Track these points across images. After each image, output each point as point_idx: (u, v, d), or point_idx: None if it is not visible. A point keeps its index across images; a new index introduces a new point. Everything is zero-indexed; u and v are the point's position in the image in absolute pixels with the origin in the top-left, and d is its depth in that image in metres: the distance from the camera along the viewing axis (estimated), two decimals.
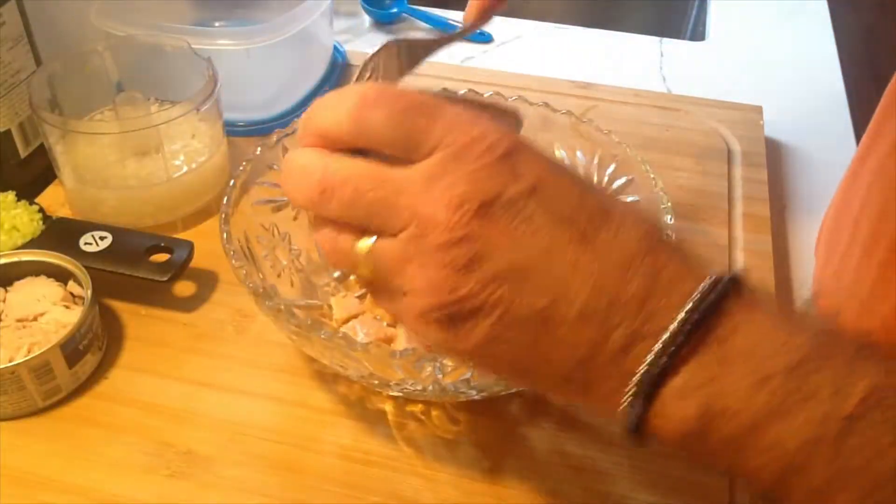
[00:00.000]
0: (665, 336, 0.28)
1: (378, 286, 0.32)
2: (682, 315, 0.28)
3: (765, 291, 0.30)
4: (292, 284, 0.50)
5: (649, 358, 0.28)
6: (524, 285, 0.29)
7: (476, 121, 0.30)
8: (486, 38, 0.88)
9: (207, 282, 0.54)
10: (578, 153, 0.54)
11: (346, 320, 0.49)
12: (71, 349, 0.45)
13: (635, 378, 0.29)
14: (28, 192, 0.58)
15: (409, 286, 0.30)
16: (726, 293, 0.29)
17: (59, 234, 0.54)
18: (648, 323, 0.29)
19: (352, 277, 0.52)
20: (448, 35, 0.45)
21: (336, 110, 0.31)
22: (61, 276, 0.50)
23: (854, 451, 0.26)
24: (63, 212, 0.59)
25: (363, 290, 0.50)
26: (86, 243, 0.52)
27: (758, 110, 0.74)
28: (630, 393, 0.29)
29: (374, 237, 0.31)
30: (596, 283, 0.29)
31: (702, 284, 0.29)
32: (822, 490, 0.27)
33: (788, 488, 0.28)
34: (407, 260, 0.30)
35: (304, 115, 0.33)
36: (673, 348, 0.28)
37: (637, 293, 0.29)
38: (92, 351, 0.47)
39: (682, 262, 0.30)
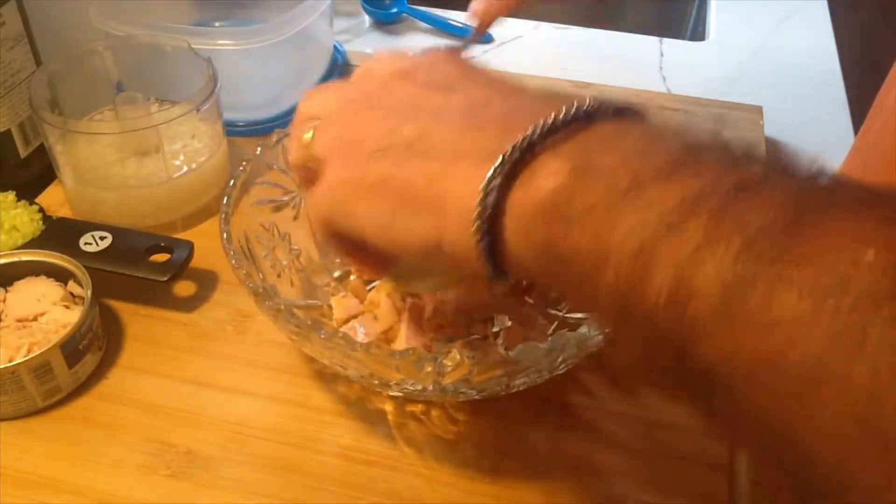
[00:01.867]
0: (549, 117, 0.27)
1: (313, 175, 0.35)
2: (574, 108, 0.27)
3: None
4: (292, 284, 0.50)
5: (528, 133, 0.27)
6: (413, 116, 0.31)
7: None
8: (486, 39, 0.88)
9: (207, 282, 0.54)
10: None
11: (346, 320, 0.49)
12: (71, 349, 0.45)
13: (505, 153, 0.27)
14: (28, 192, 0.58)
15: (324, 139, 0.34)
16: (616, 108, 0.28)
17: (59, 234, 0.54)
18: (521, 124, 0.27)
19: (351, 277, 0.52)
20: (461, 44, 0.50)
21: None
22: (61, 276, 0.50)
23: (741, 210, 0.23)
24: (63, 212, 0.59)
25: (369, 284, 0.50)
26: (86, 243, 0.52)
27: (758, 110, 0.74)
28: (495, 166, 0.27)
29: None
30: (480, 103, 0.31)
31: (592, 96, 0.28)
32: (690, 255, 0.23)
33: (650, 259, 0.24)
34: (332, 122, 0.34)
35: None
36: (548, 128, 0.27)
37: (525, 105, 0.30)
38: (92, 351, 0.48)
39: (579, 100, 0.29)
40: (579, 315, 0.48)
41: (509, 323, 0.48)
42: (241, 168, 0.48)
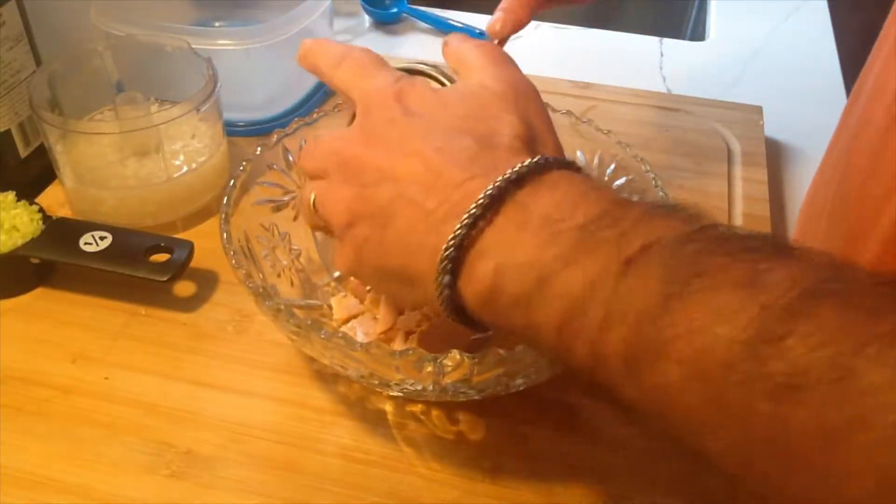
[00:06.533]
0: (471, 209, 0.31)
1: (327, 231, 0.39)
2: (488, 189, 0.31)
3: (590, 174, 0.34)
4: (292, 284, 0.50)
5: (457, 230, 0.32)
6: (378, 186, 0.34)
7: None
8: (486, 39, 0.88)
9: (207, 282, 0.54)
10: (578, 153, 0.54)
11: (346, 320, 0.49)
12: None
13: (443, 252, 0.32)
14: (28, 192, 0.58)
15: (325, 214, 0.37)
16: (543, 167, 0.32)
17: (59, 234, 0.53)
18: (464, 200, 0.32)
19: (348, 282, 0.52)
20: None
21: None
22: None
23: (627, 290, 0.28)
24: (63, 212, 0.59)
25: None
26: (86, 243, 0.52)
27: (758, 110, 0.74)
28: (441, 265, 0.32)
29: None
30: (428, 167, 0.33)
31: (521, 162, 0.32)
32: (597, 331, 0.28)
33: (571, 335, 0.29)
34: (325, 193, 0.37)
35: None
36: (472, 220, 0.31)
37: (457, 177, 0.33)
38: None
39: (514, 151, 0.34)
40: None
41: None
42: (241, 168, 0.48)
